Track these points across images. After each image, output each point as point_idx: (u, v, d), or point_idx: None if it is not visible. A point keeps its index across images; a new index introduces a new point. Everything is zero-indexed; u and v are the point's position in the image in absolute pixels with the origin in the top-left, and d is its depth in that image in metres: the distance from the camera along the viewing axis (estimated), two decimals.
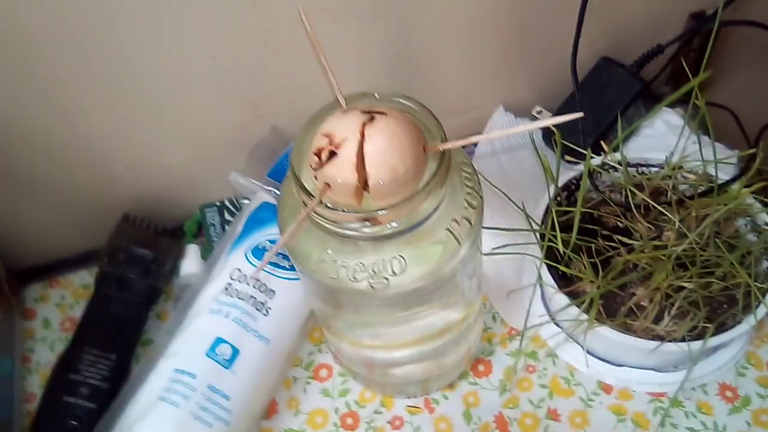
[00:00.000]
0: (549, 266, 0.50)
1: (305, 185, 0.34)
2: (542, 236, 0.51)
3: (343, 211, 0.33)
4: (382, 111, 0.33)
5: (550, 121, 0.32)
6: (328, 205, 0.33)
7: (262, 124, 0.59)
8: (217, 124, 0.58)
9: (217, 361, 0.48)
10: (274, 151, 0.60)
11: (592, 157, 0.53)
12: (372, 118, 0.33)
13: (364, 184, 0.33)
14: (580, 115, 0.31)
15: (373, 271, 0.36)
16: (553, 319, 0.52)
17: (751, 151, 0.50)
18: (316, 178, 0.34)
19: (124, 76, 0.51)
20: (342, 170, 0.32)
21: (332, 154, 0.33)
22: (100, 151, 0.56)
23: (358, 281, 0.36)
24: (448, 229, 0.36)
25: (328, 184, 0.33)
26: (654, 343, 0.45)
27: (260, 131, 0.59)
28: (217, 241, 0.61)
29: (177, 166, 0.60)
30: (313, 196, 0.33)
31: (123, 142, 0.56)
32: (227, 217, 0.63)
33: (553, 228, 0.50)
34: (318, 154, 0.33)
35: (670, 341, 0.46)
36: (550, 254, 0.51)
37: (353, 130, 0.32)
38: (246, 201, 0.60)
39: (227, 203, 0.64)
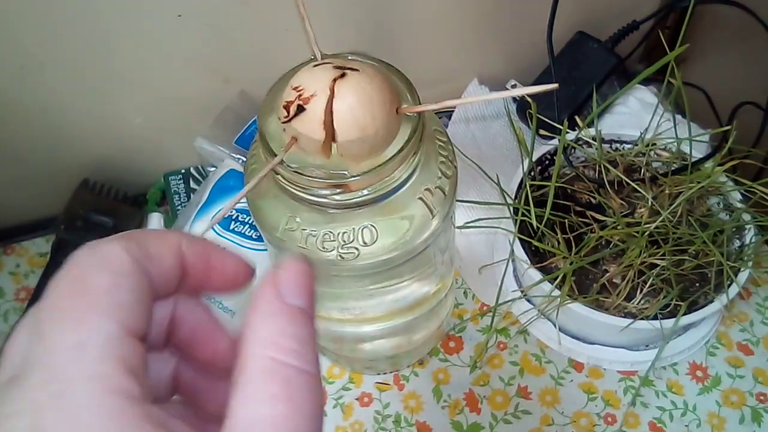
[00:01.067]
0: (522, 241, 0.49)
1: (269, 144, 0.32)
2: (515, 211, 0.50)
3: (312, 176, 0.32)
4: (355, 68, 0.32)
5: (527, 90, 0.30)
6: (293, 166, 0.32)
7: (230, 89, 0.57)
8: (183, 88, 0.55)
9: None
10: (241, 117, 0.58)
11: (567, 132, 0.52)
12: (343, 75, 0.31)
13: (332, 141, 0.31)
14: (555, 86, 0.30)
15: (343, 240, 0.35)
16: (525, 296, 0.52)
17: (726, 128, 0.49)
18: (284, 131, 0.32)
19: (84, 35, 0.49)
20: (309, 126, 0.31)
21: (300, 109, 0.31)
22: (58, 113, 0.54)
23: (327, 251, 0.35)
24: (420, 199, 0.35)
25: (295, 138, 0.32)
26: (626, 321, 0.45)
27: (228, 96, 0.57)
28: (181, 210, 0.59)
29: (140, 131, 0.58)
30: (275, 155, 0.32)
31: (83, 104, 0.54)
32: (192, 185, 0.61)
33: (527, 203, 0.49)
34: (287, 108, 0.32)
35: (642, 319, 0.45)
36: (523, 229, 0.50)
37: (323, 85, 0.31)
38: (212, 168, 0.58)
39: (193, 171, 0.62)
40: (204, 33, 0.51)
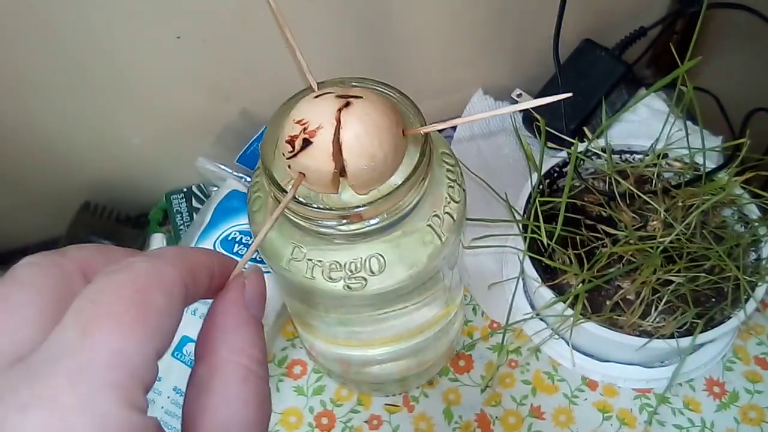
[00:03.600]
0: (532, 258, 0.48)
1: (277, 180, 0.31)
2: (525, 227, 0.49)
3: (322, 208, 0.31)
4: (358, 95, 0.31)
5: (535, 102, 0.29)
6: (303, 201, 0.31)
7: (231, 108, 0.56)
8: (184, 107, 0.55)
9: (183, 362, 0.45)
10: (243, 135, 0.57)
11: (578, 145, 0.51)
12: (348, 103, 0.30)
13: (341, 173, 0.30)
14: (568, 95, 0.29)
15: (350, 270, 0.34)
16: (537, 315, 0.50)
17: (740, 141, 0.48)
18: (289, 167, 0.31)
19: (83, 58, 0.48)
20: (317, 159, 0.30)
21: (306, 143, 0.30)
22: (56, 136, 0.53)
23: (333, 281, 0.34)
24: (429, 226, 0.34)
25: (303, 174, 0.31)
26: (642, 340, 0.44)
27: (229, 115, 0.56)
28: (184, 230, 0.58)
29: (141, 151, 0.57)
30: (285, 192, 0.30)
31: (81, 126, 0.53)
32: (195, 204, 0.60)
33: (536, 219, 0.48)
34: (291, 143, 0.30)
35: (658, 338, 0.44)
36: (533, 246, 0.49)
37: (328, 116, 0.30)
38: (214, 188, 0.57)
39: (195, 190, 0.61)
40: (203, 53, 0.50)
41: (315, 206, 0.31)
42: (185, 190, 0.61)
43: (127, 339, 0.18)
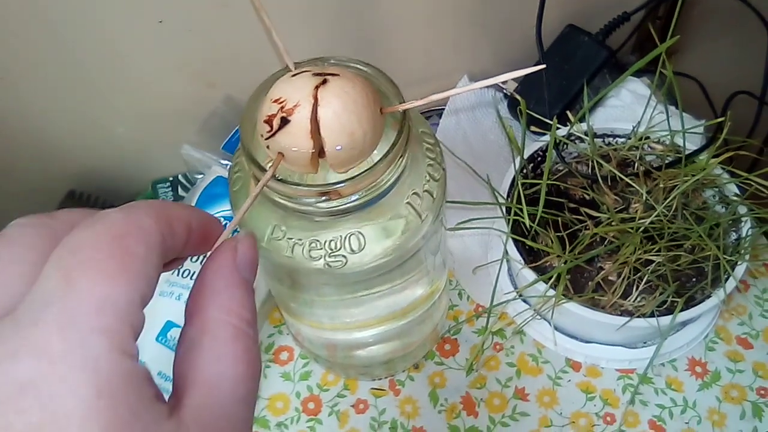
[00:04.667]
0: (515, 241, 0.49)
1: (256, 159, 0.31)
2: (508, 210, 0.50)
3: (300, 185, 0.31)
4: (335, 72, 0.31)
5: (513, 74, 0.29)
6: (283, 179, 0.31)
7: (215, 94, 0.56)
8: (166, 94, 0.55)
9: (168, 347, 0.45)
10: (228, 122, 0.57)
11: (558, 128, 0.51)
12: (324, 81, 0.30)
13: (320, 151, 0.30)
14: (542, 67, 0.29)
15: (330, 248, 0.34)
16: (520, 296, 0.51)
17: (719, 120, 0.48)
18: (268, 147, 0.31)
19: (65, 47, 0.48)
20: (296, 138, 0.30)
21: (284, 121, 0.30)
22: (38, 125, 0.53)
23: (314, 259, 0.34)
24: (408, 203, 0.34)
25: (282, 154, 0.31)
26: (622, 319, 0.44)
27: (214, 101, 0.56)
28: None
29: (124, 140, 0.57)
30: (265, 171, 0.31)
31: (63, 115, 0.53)
32: (181, 192, 0.60)
33: (519, 202, 0.48)
34: (269, 122, 0.30)
35: (638, 317, 0.44)
36: (517, 228, 0.50)
37: (305, 94, 0.30)
38: (200, 176, 0.57)
39: (181, 178, 0.61)
40: (185, 38, 0.50)
41: (294, 184, 0.31)
42: (171, 179, 0.61)
43: (111, 284, 0.18)
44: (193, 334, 0.21)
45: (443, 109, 0.64)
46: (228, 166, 0.55)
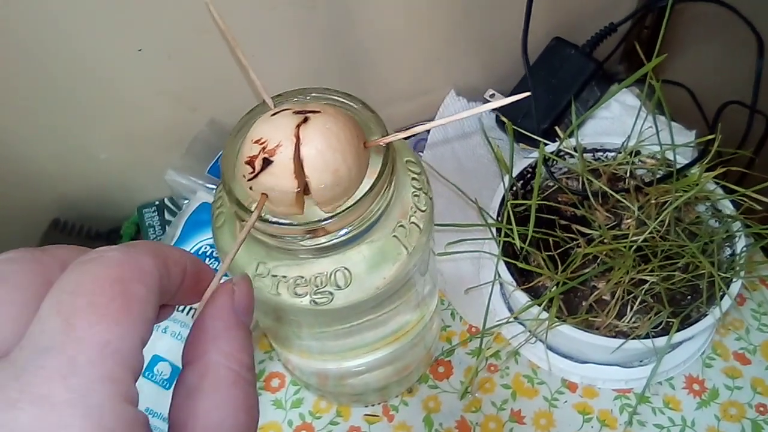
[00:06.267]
0: (507, 262, 0.48)
1: (241, 200, 0.30)
2: (499, 231, 0.49)
3: (285, 224, 0.30)
4: (316, 110, 0.30)
5: (498, 103, 0.29)
6: (268, 219, 0.30)
7: (198, 118, 0.55)
8: (149, 120, 0.54)
9: (155, 382, 0.44)
10: (212, 145, 0.56)
11: (546, 144, 0.51)
12: (306, 119, 0.29)
13: (304, 190, 0.30)
14: (527, 94, 0.28)
15: (316, 285, 0.33)
16: (516, 318, 0.50)
17: (709, 137, 0.48)
18: (251, 189, 0.30)
19: (44, 72, 0.47)
20: (279, 178, 0.29)
21: (266, 162, 0.29)
22: (20, 154, 0.52)
23: (299, 296, 0.33)
24: (395, 236, 0.33)
25: (266, 195, 0.30)
26: (617, 342, 0.43)
27: (197, 126, 0.56)
28: None
29: (108, 166, 0.56)
30: (250, 212, 0.30)
31: (45, 143, 0.52)
32: (167, 216, 0.59)
33: (509, 222, 0.47)
34: (250, 163, 0.29)
35: (633, 338, 0.44)
36: (508, 248, 0.49)
37: (287, 134, 0.29)
38: (185, 201, 0.56)
39: (167, 202, 0.60)
40: (166, 64, 0.49)
41: (279, 222, 0.30)
42: (157, 203, 0.60)
43: (113, 329, 0.17)
44: (192, 380, 0.21)
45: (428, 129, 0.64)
46: (213, 191, 0.54)
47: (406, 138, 0.30)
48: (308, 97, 0.33)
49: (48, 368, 0.16)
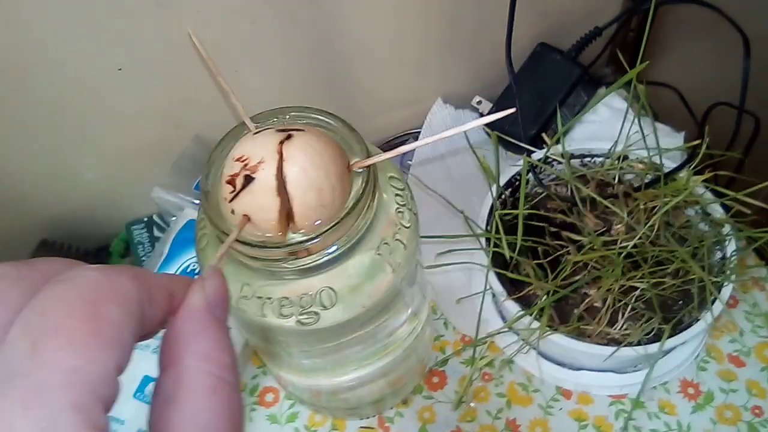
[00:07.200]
0: (497, 271, 0.47)
1: (219, 224, 0.30)
2: (488, 240, 0.49)
3: (266, 247, 0.29)
4: (299, 128, 0.30)
5: (481, 121, 0.28)
6: (248, 241, 0.29)
7: (183, 135, 0.55)
8: (133, 138, 0.53)
9: (147, 402, 0.44)
10: (198, 161, 0.56)
11: (533, 152, 0.50)
12: (289, 136, 0.29)
13: (288, 211, 0.29)
14: (512, 110, 0.28)
15: (302, 305, 0.33)
16: (506, 330, 0.50)
17: (696, 142, 0.48)
18: (233, 212, 0.29)
19: (27, 92, 0.47)
20: (261, 196, 0.28)
21: (248, 179, 0.28)
22: (9, 171, 0.52)
23: (285, 317, 0.33)
24: (379, 254, 0.33)
25: (248, 216, 0.29)
26: (609, 349, 0.43)
27: (182, 142, 0.55)
28: (146, 260, 0.56)
29: (94, 186, 0.56)
30: (227, 235, 0.29)
31: (30, 165, 0.52)
32: (156, 233, 0.59)
33: (497, 232, 0.47)
34: (231, 182, 0.29)
35: (625, 346, 0.43)
36: (498, 258, 0.49)
37: (270, 151, 0.28)
38: (173, 218, 0.56)
39: (155, 218, 0.60)
40: (148, 82, 0.49)
41: (261, 245, 0.29)
42: (146, 219, 0.60)
43: (81, 355, 0.17)
44: (168, 387, 0.19)
45: (419, 132, 0.64)
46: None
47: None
48: (287, 117, 0.33)
49: (11, 397, 0.16)
